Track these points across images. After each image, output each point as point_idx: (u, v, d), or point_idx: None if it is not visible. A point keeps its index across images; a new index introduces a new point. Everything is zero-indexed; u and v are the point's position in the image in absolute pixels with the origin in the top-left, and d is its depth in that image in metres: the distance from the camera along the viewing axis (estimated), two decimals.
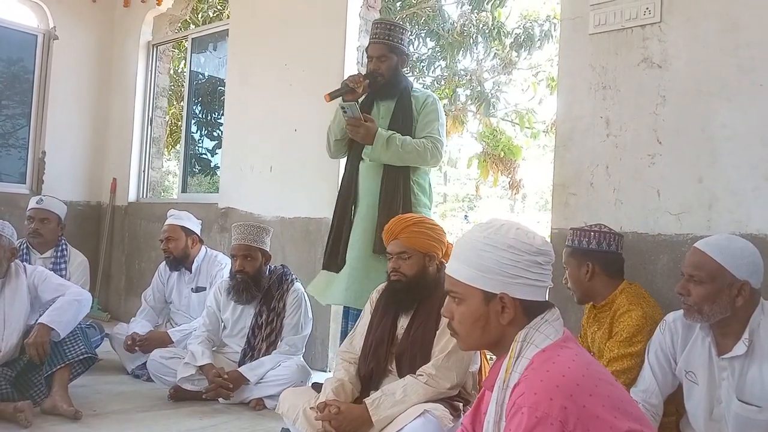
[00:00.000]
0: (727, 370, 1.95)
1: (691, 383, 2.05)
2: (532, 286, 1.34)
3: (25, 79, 5.73)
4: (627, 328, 2.29)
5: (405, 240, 2.45)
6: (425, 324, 2.43)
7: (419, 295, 2.47)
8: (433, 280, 2.49)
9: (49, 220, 3.77)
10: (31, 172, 5.70)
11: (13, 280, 3.00)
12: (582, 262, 2.44)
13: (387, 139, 2.91)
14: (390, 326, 2.51)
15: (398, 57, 3.08)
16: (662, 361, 2.13)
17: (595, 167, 2.87)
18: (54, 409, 2.84)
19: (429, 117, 3.06)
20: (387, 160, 2.97)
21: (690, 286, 1.97)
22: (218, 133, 5.97)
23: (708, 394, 2.00)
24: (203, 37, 5.77)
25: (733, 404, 1.91)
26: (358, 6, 4.26)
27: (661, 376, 2.12)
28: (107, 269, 5.96)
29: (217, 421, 2.97)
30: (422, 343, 2.41)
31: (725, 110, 2.54)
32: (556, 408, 1.15)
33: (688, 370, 2.07)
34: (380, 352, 2.48)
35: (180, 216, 4.01)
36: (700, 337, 2.04)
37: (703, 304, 1.94)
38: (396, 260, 2.47)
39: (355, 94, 2.98)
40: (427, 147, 2.97)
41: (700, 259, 1.97)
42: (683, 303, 2.01)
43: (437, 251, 2.50)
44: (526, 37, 10.01)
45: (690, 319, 2.01)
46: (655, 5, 2.72)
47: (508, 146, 11.73)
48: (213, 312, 3.51)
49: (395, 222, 2.53)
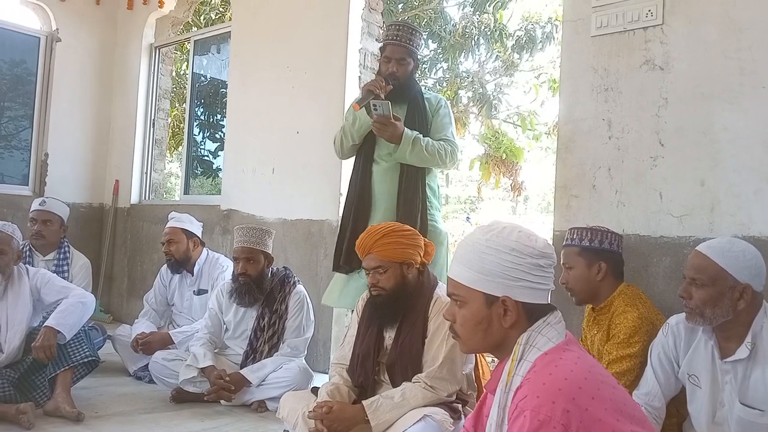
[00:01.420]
0: (730, 374, 1.94)
1: (694, 386, 2.05)
2: (535, 289, 1.34)
3: (28, 81, 5.74)
4: (624, 329, 2.29)
5: (378, 254, 2.39)
6: (412, 333, 2.40)
7: (402, 306, 2.43)
8: (415, 288, 2.45)
9: (51, 222, 3.78)
10: (33, 174, 5.72)
11: (16, 283, 3.01)
12: (593, 261, 2.43)
13: (413, 140, 2.93)
14: (376, 338, 2.47)
15: (414, 62, 3.12)
16: (665, 364, 2.13)
17: (597, 169, 2.87)
18: (56, 410, 2.84)
19: (443, 120, 3.11)
20: (409, 160, 2.97)
21: (692, 289, 1.97)
22: (220, 135, 5.98)
23: (711, 397, 1.99)
24: (205, 39, 5.78)
25: (736, 408, 1.91)
26: (360, 8, 4.27)
27: (664, 379, 2.12)
28: (109, 271, 5.97)
29: (219, 423, 2.97)
30: (411, 353, 2.38)
31: (727, 112, 2.54)
32: (559, 411, 1.14)
33: (690, 373, 2.07)
34: (367, 365, 2.46)
35: (181, 218, 4.02)
36: (703, 341, 2.04)
37: (705, 307, 1.93)
38: (373, 275, 2.42)
39: (379, 98, 2.98)
40: (447, 150, 3.02)
41: (701, 262, 1.97)
42: (685, 306, 2.00)
43: (414, 257, 2.44)
44: (528, 39, 10.03)
45: (692, 323, 2.01)
46: (657, 7, 2.72)
47: (510, 148, 11.72)
48: (215, 314, 3.51)
49: (365, 236, 2.46)
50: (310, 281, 4.09)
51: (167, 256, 3.94)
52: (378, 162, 3.08)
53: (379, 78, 3.02)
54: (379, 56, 3.22)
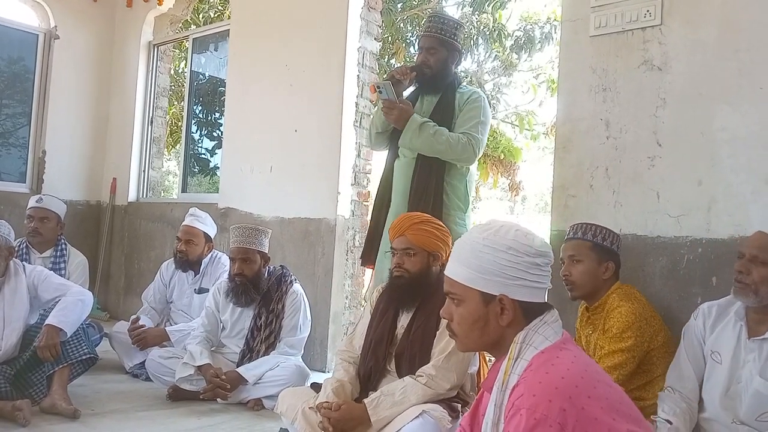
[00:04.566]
0: (754, 352, 2.02)
1: (714, 362, 2.13)
2: (531, 288, 1.34)
3: (26, 78, 5.73)
4: (616, 324, 2.32)
5: (411, 236, 2.45)
6: (426, 324, 2.43)
7: (421, 293, 2.46)
8: (436, 281, 2.46)
9: (48, 220, 3.77)
10: (31, 171, 5.70)
11: (12, 280, 3.00)
12: (603, 259, 2.45)
13: (420, 125, 2.89)
14: (390, 325, 2.50)
15: (449, 52, 3.06)
16: (695, 346, 2.20)
17: (595, 169, 2.88)
18: (53, 407, 2.84)
19: (470, 113, 2.99)
20: (419, 148, 2.93)
21: (751, 266, 2.03)
22: (218, 133, 5.97)
23: (729, 372, 2.07)
24: (204, 37, 5.78)
25: (755, 382, 1.98)
26: (359, 7, 4.26)
27: (695, 362, 2.19)
28: (106, 269, 5.96)
29: (215, 421, 2.97)
30: (422, 343, 2.40)
31: (725, 113, 2.54)
32: (555, 410, 1.15)
33: (714, 350, 2.14)
34: (379, 351, 2.48)
35: (204, 219, 3.95)
36: (732, 321, 2.12)
37: (762, 284, 2.00)
38: (401, 256, 2.47)
39: (401, 85, 2.99)
40: (461, 141, 2.90)
41: (767, 241, 2.04)
42: (738, 282, 2.05)
43: (441, 251, 2.49)
44: (527, 39, 10.03)
45: (742, 299, 2.06)
46: (656, 8, 2.73)
47: (508, 148, 11.72)
48: (212, 312, 3.51)
49: (402, 219, 2.54)
50: (308, 280, 4.09)
51: (180, 255, 3.88)
52: (400, 157, 3.08)
53: (405, 65, 3.04)
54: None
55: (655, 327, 2.34)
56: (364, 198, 4.38)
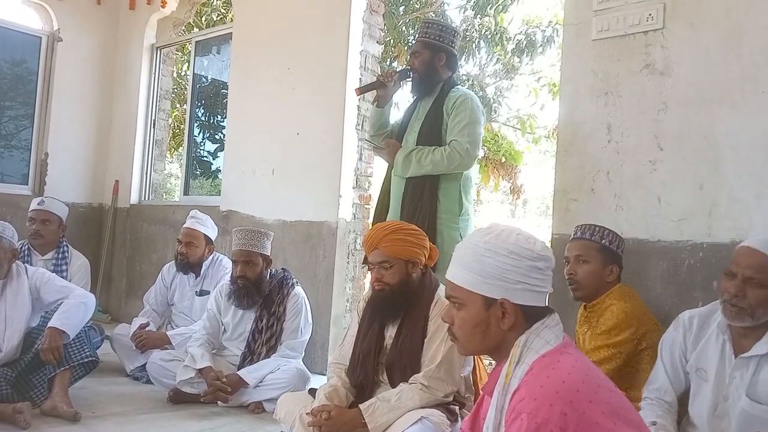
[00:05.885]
0: (740, 369, 1.93)
1: (701, 380, 2.05)
2: (533, 292, 1.34)
3: (29, 80, 5.74)
4: (607, 321, 2.34)
5: (385, 249, 2.39)
6: (412, 332, 2.40)
7: (404, 303, 2.42)
8: (418, 287, 2.45)
9: (50, 222, 3.77)
10: (33, 173, 5.71)
11: (15, 282, 3.00)
12: (609, 262, 2.46)
13: (404, 157, 3.00)
14: (377, 336, 2.47)
15: (434, 53, 3.07)
16: (675, 358, 2.12)
17: (597, 173, 2.87)
18: (53, 410, 2.84)
19: (456, 119, 2.99)
20: (411, 175, 3.02)
21: (746, 288, 1.89)
22: (220, 136, 5.98)
23: (715, 390, 1.99)
24: (207, 40, 5.79)
25: (742, 401, 1.90)
26: (361, 10, 4.27)
27: (673, 374, 2.12)
28: (108, 271, 5.96)
29: (215, 424, 2.97)
30: (411, 353, 2.38)
31: (728, 117, 2.54)
32: (556, 414, 1.14)
33: (698, 367, 2.06)
34: (368, 364, 2.45)
35: (204, 222, 3.96)
36: (714, 335, 2.02)
37: (759, 307, 1.87)
38: (378, 270, 2.42)
39: (386, 88, 3.04)
40: (444, 156, 2.93)
41: (762, 261, 1.89)
42: (733, 305, 1.90)
43: (419, 257, 2.44)
44: (529, 43, 10.04)
45: (737, 322, 1.92)
46: (658, 12, 2.73)
47: (510, 151, 11.74)
48: (213, 315, 3.51)
49: (372, 232, 2.47)
50: (309, 283, 4.09)
51: (181, 257, 3.89)
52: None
53: (391, 69, 3.11)
54: None
55: (648, 326, 2.34)
56: (366, 201, 4.38)
